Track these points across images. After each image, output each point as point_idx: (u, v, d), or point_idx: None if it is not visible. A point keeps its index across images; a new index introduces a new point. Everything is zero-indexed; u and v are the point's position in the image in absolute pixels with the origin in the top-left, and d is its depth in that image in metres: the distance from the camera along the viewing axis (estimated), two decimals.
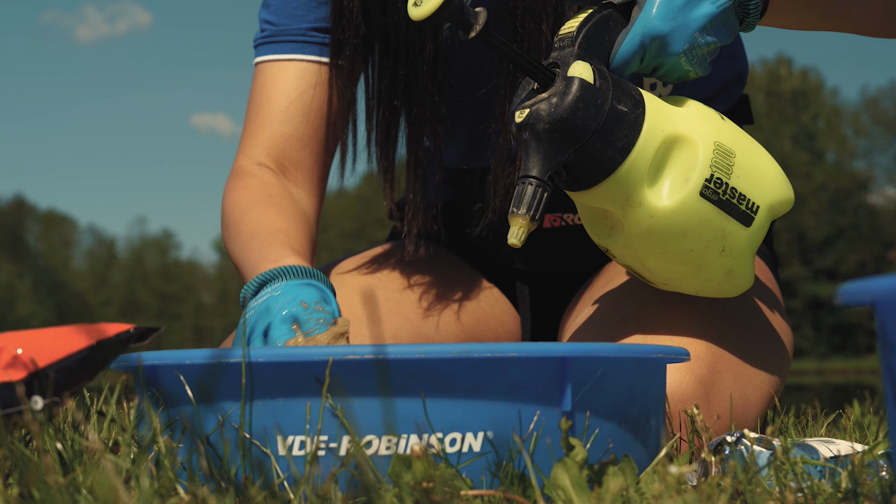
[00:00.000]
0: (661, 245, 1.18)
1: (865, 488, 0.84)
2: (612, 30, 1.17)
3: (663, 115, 1.16)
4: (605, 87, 1.12)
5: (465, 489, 0.86)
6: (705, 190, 1.16)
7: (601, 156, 1.12)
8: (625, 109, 1.13)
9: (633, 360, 1.01)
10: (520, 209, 1.11)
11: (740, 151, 1.20)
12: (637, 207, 1.15)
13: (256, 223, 1.42)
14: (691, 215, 1.16)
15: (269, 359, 0.93)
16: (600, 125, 1.11)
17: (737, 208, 1.19)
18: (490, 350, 0.92)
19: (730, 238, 1.19)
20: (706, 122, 1.18)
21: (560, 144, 1.11)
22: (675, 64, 1.18)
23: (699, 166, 1.15)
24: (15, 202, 58.68)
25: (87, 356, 0.96)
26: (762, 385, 1.33)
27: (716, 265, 1.21)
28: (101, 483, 0.72)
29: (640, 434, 1.02)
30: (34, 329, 0.99)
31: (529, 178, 1.11)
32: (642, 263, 1.21)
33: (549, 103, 1.11)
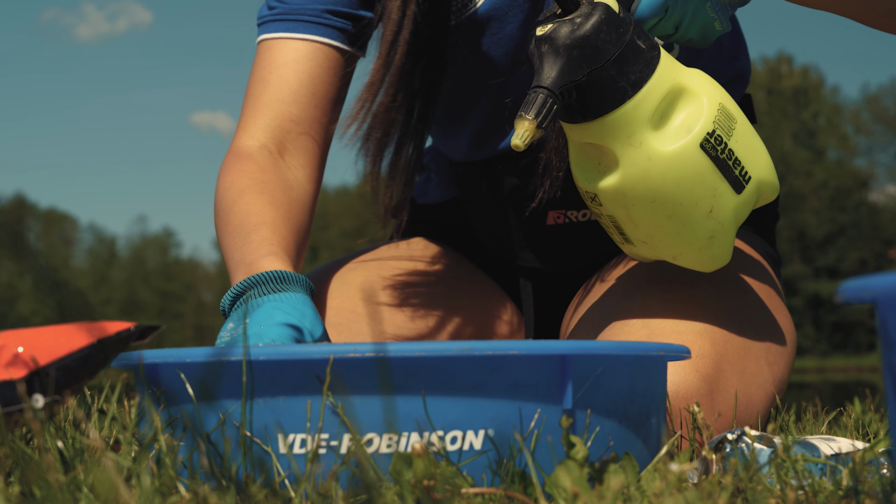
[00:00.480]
0: (653, 192, 1.18)
1: (866, 486, 0.84)
2: None
3: (675, 67, 1.18)
4: (628, 20, 1.15)
5: (465, 487, 0.86)
6: (705, 143, 1.18)
7: (613, 85, 1.15)
8: (643, 46, 1.15)
9: (634, 358, 1.01)
10: (528, 113, 1.12)
11: (741, 121, 1.22)
12: (637, 147, 1.17)
13: (244, 214, 1.39)
14: (688, 165, 1.18)
15: (270, 357, 0.93)
16: (619, 52, 1.14)
17: (731, 171, 1.20)
18: (491, 348, 0.92)
19: (719, 199, 1.21)
20: (713, 86, 1.21)
21: (577, 62, 1.13)
22: (699, 11, 1.20)
23: (703, 119, 1.18)
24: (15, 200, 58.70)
25: (88, 354, 0.96)
26: (766, 384, 1.33)
27: (701, 226, 1.22)
28: (102, 481, 0.72)
29: (641, 432, 1.02)
30: (35, 327, 0.99)
31: (542, 88, 1.13)
32: (628, 211, 1.21)
33: (573, 22, 1.13)
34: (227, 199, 1.43)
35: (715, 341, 1.28)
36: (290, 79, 1.48)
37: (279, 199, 1.42)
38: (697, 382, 1.24)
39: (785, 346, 1.41)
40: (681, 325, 1.28)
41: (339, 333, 1.45)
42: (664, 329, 1.28)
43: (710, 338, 1.28)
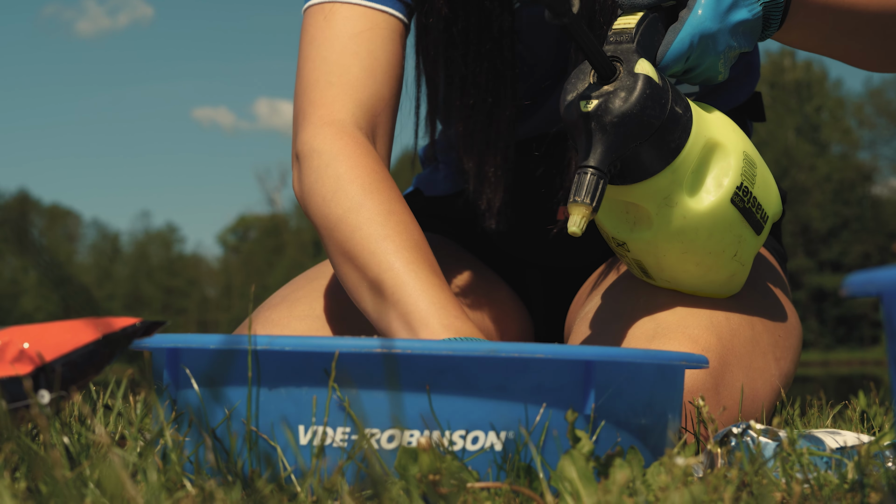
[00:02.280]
0: (686, 245, 1.22)
1: (872, 479, 0.84)
2: (659, 31, 1.19)
3: (704, 121, 1.20)
4: (667, 87, 1.15)
5: (471, 481, 0.86)
6: (735, 196, 1.20)
7: (657, 153, 1.16)
8: (679, 111, 1.16)
9: (656, 367, 1.01)
10: (582, 198, 1.12)
11: (760, 164, 1.25)
12: (673, 207, 1.19)
13: (405, 234, 1.26)
14: (720, 219, 1.21)
15: (295, 348, 0.92)
16: (662, 123, 1.14)
17: (754, 216, 1.24)
18: (517, 350, 0.92)
19: (743, 244, 1.25)
20: (735, 132, 1.23)
21: (624, 138, 1.13)
22: (712, 64, 1.21)
23: (732, 173, 1.20)
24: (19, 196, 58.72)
25: (93, 350, 0.96)
26: (772, 379, 1.33)
27: (725, 268, 1.26)
28: (109, 477, 0.72)
29: (653, 440, 1.01)
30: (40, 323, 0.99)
31: (590, 167, 1.13)
32: (658, 261, 1.25)
33: (619, 97, 1.13)
34: (376, 201, 1.28)
35: (721, 336, 1.28)
36: (379, 55, 1.38)
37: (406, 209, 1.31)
38: (703, 376, 1.24)
39: (791, 340, 1.40)
40: (687, 320, 1.28)
41: (350, 328, 1.45)
42: (670, 323, 1.28)
43: (716, 332, 1.28)
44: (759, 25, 1.21)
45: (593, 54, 1.13)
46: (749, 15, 1.19)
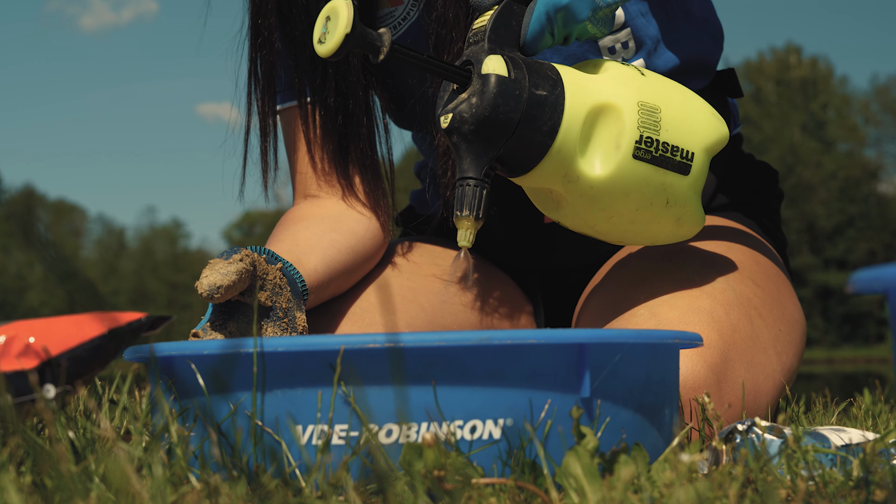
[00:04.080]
0: (607, 211, 1.21)
1: (877, 476, 0.84)
2: (518, 13, 1.19)
3: (583, 88, 1.18)
4: (520, 77, 1.14)
5: (476, 477, 0.86)
6: (637, 151, 1.19)
7: (530, 142, 1.15)
8: (544, 93, 1.15)
9: (650, 346, 1.01)
10: (463, 211, 1.14)
11: (665, 104, 1.22)
12: (576, 181, 1.18)
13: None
14: (629, 178, 1.19)
15: (288, 348, 0.93)
16: (522, 115, 1.13)
17: (672, 161, 1.21)
18: (509, 337, 0.92)
19: (671, 189, 1.22)
20: (626, 84, 1.21)
21: (488, 142, 1.13)
22: (582, 30, 1.21)
23: (627, 130, 1.18)
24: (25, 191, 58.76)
25: (99, 344, 0.96)
26: (774, 374, 1.33)
27: (664, 217, 1.25)
28: (114, 471, 0.73)
29: (656, 420, 1.02)
30: (46, 318, 0.99)
31: (467, 178, 1.14)
32: (594, 228, 1.25)
33: (469, 104, 1.13)
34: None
35: (722, 331, 1.28)
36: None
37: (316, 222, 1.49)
38: (705, 373, 1.24)
39: (794, 334, 1.40)
40: (688, 316, 1.28)
41: (352, 324, 1.45)
42: (671, 319, 1.28)
43: (717, 328, 1.28)
44: None
45: (437, 69, 1.14)
46: None
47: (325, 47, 1.11)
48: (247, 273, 1.16)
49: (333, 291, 1.44)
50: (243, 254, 1.17)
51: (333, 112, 1.51)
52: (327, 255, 1.40)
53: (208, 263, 1.15)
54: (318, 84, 1.51)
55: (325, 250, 1.40)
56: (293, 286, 1.27)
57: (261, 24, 1.49)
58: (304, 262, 1.35)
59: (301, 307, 1.27)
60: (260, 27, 1.50)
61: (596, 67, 1.23)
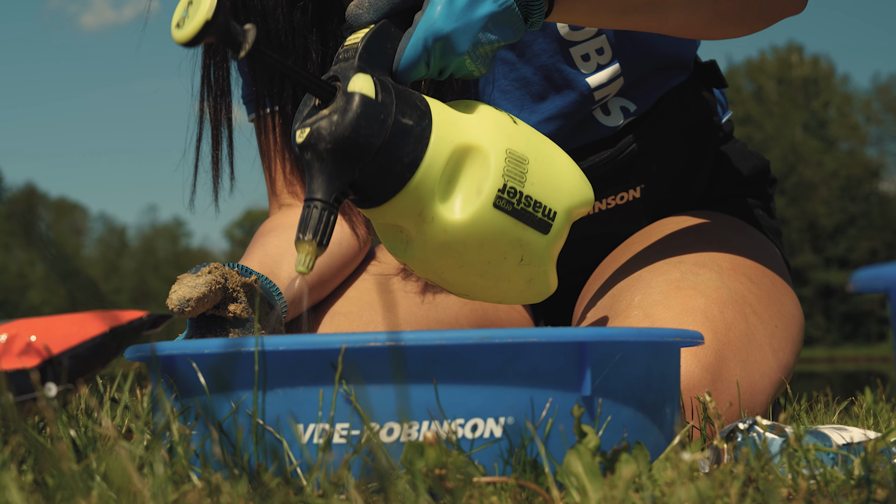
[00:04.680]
0: (458, 259, 1.13)
1: (878, 475, 0.84)
2: (394, 37, 1.12)
3: (452, 125, 1.10)
4: (387, 101, 1.06)
5: (477, 476, 0.86)
6: (499, 200, 1.10)
7: (388, 172, 1.07)
8: (410, 123, 1.07)
9: (650, 345, 1.02)
10: (305, 235, 1.05)
11: (534, 157, 1.14)
12: (430, 223, 1.10)
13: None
14: (486, 227, 1.11)
15: (289, 347, 0.93)
16: (384, 141, 1.05)
17: (533, 216, 1.13)
18: (511, 335, 0.92)
19: (528, 247, 1.15)
20: (497, 129, 1.13)
21: (344, 164, 1.05)
22: (459, 64, 1.13)
23: (491, 176, 1.10)
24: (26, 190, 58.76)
25: (100, 343, 0.96)
26: (770, 371, 1.33)
27: (515, 275, 1.17)
28: (115, 470, 0.73)
29: (658, 419, 1.02)
30: (47, 316, 0.99)
31: (314, 200, 1.05)
32: (441, 277, 1.16)
33: (330, 121, 1.05)
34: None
35: (717, 330, 1.28)
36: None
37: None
38: (700, 373, 1.24)
39: (791, 330, 1.40)
40: (682, 316, 1.28)
41: (350, 322, 1.45)
42: (665, 320, 1.28)
43: (711, 327, 1.28)
44: (516, 15, 1.12)
45: (299, 79, 1.06)
46: (497, 7, 1.10)
47: (181, 32, 1.00)
48: (217, 285, 1.15)
49: (312, 300, 1.44)
50: (212, 266, 1.17)
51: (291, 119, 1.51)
52: None
53: (177, 279, 1.15)
54: (274, 92, 1.51)
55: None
56: (270, 299, 1.26)
57: None
58: (277, 272, 1.34)
59: (280, 320, 1.27)
60: None
61: (469, 108, 1.14)
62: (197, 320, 1.19)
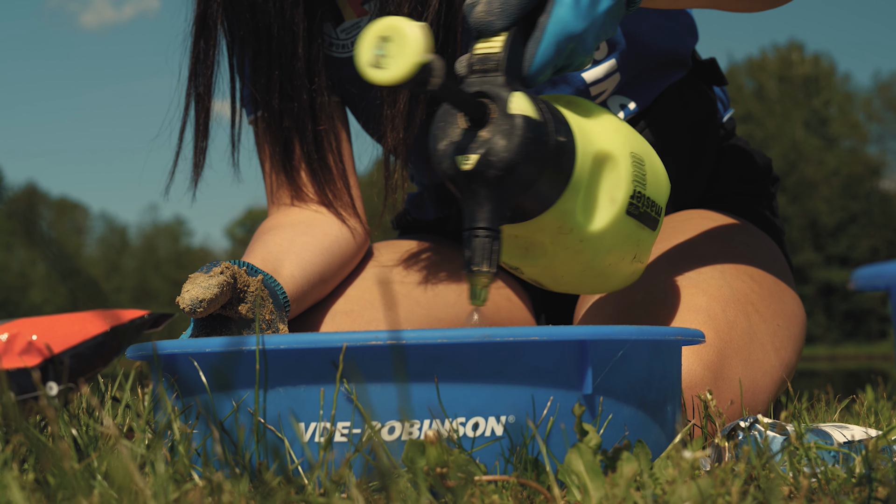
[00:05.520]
0: (585, 264, 1.12)
1: (880, 473, 0.84)
2: (520, 44, 1.08)
3: (586, 135, 1.09)
4: (545, 120, 1.03)
5: (479, 474, 0.86)
6: (630, 207, 1.11)
7: (545, 191, 1.05)
8: (563, 139, 1.05)
9: (651, 343, 1.02)
10: (479, 266, 1.01)
11: (646, 156, 1.15)
12: (568, 234, 1.09)
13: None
14: (617, 234, 1.12)
15: (290, 346, 0.93)
16: (547, 162, 1.03)
17: (649, 216, 1.15)
18: (512, 334, 0.92)
19: (641, 245, 1.16)
20: (618, 132, 1.13)
21: (511, 189, 1.02)
22: (581, 63, 1.12)
23: (623, 184, 1.11)
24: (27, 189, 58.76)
25: (101, 342, 0.96)
26: (772, 370, 1.33)
27: (626, 271, 1.18)
28: (117, 468, 0.73)
29: (659, 417, 1.02)
30: (48, 315, 0.99)
31: (480, 229, 1.02)
32: (556, 279, 1.16)
33: (498, 146, 1.01)
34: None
35: (718, 329, 1.28)
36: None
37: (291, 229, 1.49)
38: (701, 371, 1.24)
39: (792, 329, 1.40)
40: (684, 315, 1.28)
41: (351, 321, 1.45)
42: (667, 319, 1.28)
43: (713, 325, 1.28)
44: (623, 6, 1.13)
45: (461, 102, 1.01)
46: (612, 1, 1.10)
47: (384, 74, 0.95)
48: (228, 286, 1.15)
49: (314, 298, 1.44)
50: (223, 266, 1.17)
51: (279, 116, 1.50)
52: (302, 259, 1.39)
53: (189, 278, 1.15)
54: (268, 95, 1.51)
55: (298, 254, 1.40)
56: (275, 298, 1.26)
57: (207, 17, 1.49)
58: (279, 270, 1.34)
59: (283, 319, 1.27)
60: (206, 20, 1.50)
61: (588, 112, 1.13)
62: (202, 319, 1.19)
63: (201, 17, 1.49)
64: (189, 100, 1.52)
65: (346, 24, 1.51)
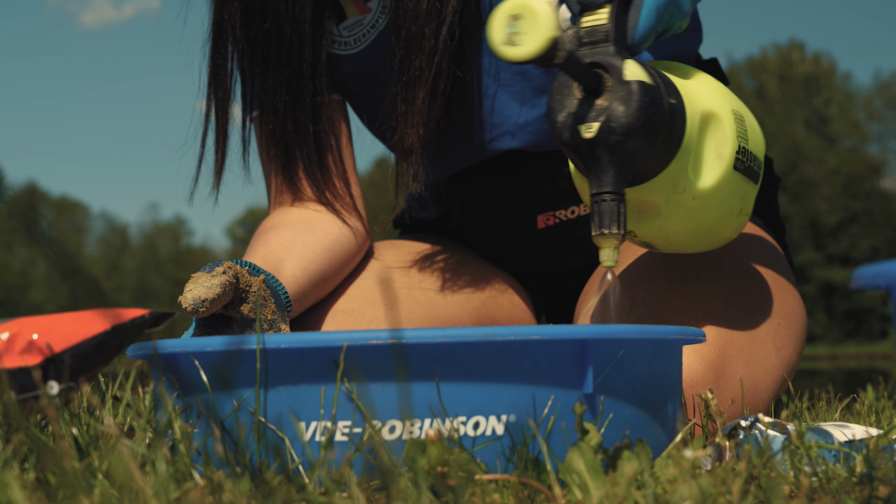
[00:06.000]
0: (697, 221, 1.17)
1: (881, 472, 0.84)
2: (622, 14, 1.12)
3: (691, 96, 1.14)
4: (658, 84, 1.09)
5: (479, 473, 0.86)
6: (736, 162, 1.16)
7: (662, 152, 1.10)
8: (675, 102, 1.10)
9: (652, 342, 1.01)
10: (609, 228, 1.06)
11: (745, 113, 1.20)
12: (681, 193, 1.14)
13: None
14: (726, 188, 1.17)
15: (291, 345, 0.93)
16: (664, 124, 1.08)
17: (752, 170, 1.20)
18: (512, 333, 0.92)
19: (747, 198, 1.21)
20: (718, 92, 1.18)
21: (634, 152, 1.07)
22: (679, 26, 1.17)
23: (729, 140, 1.16)
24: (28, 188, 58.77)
25: (102, 341, 0.96)
26: (773, 369, 1.33)
27: (732, 226, 1.22)
28: (117, 468, 0.73)
29: (660, 416, 1.02)
30: (49, 314, 0.99)
31: (608, 193, 1.07)
32: (668, 240, 1.21)
33: (618, 112, 1.06)
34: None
35: (719, 328, 1.28)
36: None
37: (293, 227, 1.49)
38: (702, 370, 1.24)
39: (793, 328, 1.40)
40: (684, 313, 1.28)
41: (352, 320, 1.45)
42: (669, 318, 1.28)
43: (714, 324, 1.28)
44: None
45: (581, 73, 1.07)
46: None
47: (519, 50, 1.00)
48: (230, 285, 1.15)
49: (315, 297, 1.44)
50: (226, 266, 1.17)
51: (283, 117, 1.50)
52: (303, 258, 1.39)
53: (191, 277, 1.15)
54: (274, 96, 1.50)
55: (299, 253, 1.40)
56: (277, 298, 1.26)
57: (224, 23, 1.50)
58: (281, 270, 1.34)
59: (285, 319, 1.27)
60: (223, 26, 1.50)
61: (686, 74, 1.18)
62: (204, 319, 1.19)
63: (218, 24, 1.50)
64: (210, 104, 1.52)
65: (348, 21, 1.51)
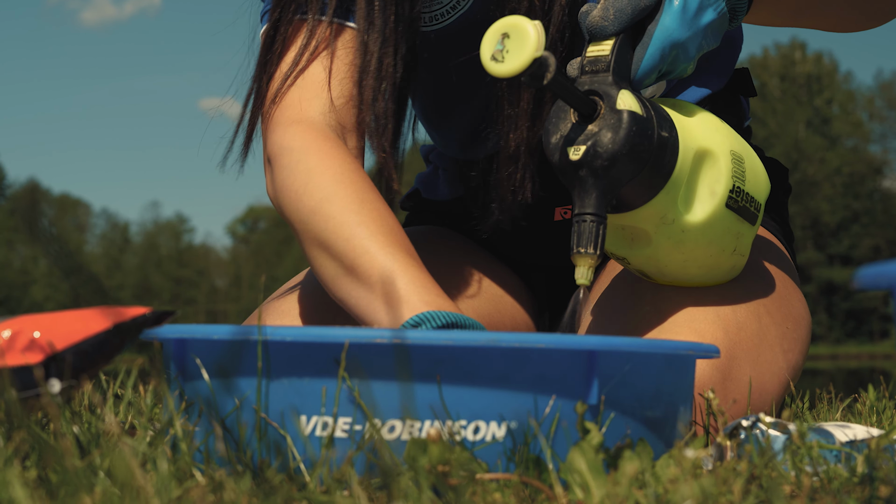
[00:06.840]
0: (687, 255, 1.22)
1: (882, 473, 0.84)
2: (629, 49, 1.17)
3: (688, 132, 1.18)
4: (650, 116, 1.13)
5: (480, 473, 0.86)
6: (730, 200, 1.20)
7: (649, 183, 1.14)
8: (666, 135, 1.14)
9: (662, 357, 1.00)
10: (587, 248, 1.11)
11: (745, 155, 1.24)
12: (670, 224, 1.18)
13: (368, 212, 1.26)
14: (717, 226, 1.20)
15: (295, 339, 0.92)
16: (652, 155, 1.12)
17: (748, 211, 1.23)
18: (518, 340, 0.91)
19: (741, 239, 1.25)
20: (718, 132, 1.22)
21: (617, 179, 1.11)
22: (683, 70, 1.21)
23: (723, 178, 1.19)
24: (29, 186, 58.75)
25: (104, 339, 0.96)
26: (780, 371, 1.33)
27: (726, 264, 1.27)
28: (119, 466, 0.73)
29: (664, 434, 1.00)
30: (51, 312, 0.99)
31: (588, 214, 1.11)
32: (660, 270, 1.26)
33: (606, 139, 1.10)
34: (348, 190, 1.27)
35: (728, 329, 1.27)
36: (339, 54, 1.41)
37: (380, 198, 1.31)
38: (710, 371, 1.23)
39: (800, 332, 1.40)
40: (693, 313, 1.28)
41: None
42: (676, 317, 1.28)
43: (722, 325, 1.27)
44: (726, 20, 1.21)
45: (572, 98, 1.11)
46: (715, 15, 1.18)
47: (502, 67, 1.05)
48: None
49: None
50: None
51: (381, 33, 1.36)
52: (413, 254, 1.24)
53: None
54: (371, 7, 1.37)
55: (413, 254, 1.24)
56: None
57: None
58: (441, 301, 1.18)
59: None
60: None
61: (689, 111, 1.22)
62: None
63: None
64: (260, 70, 1.41)
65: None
